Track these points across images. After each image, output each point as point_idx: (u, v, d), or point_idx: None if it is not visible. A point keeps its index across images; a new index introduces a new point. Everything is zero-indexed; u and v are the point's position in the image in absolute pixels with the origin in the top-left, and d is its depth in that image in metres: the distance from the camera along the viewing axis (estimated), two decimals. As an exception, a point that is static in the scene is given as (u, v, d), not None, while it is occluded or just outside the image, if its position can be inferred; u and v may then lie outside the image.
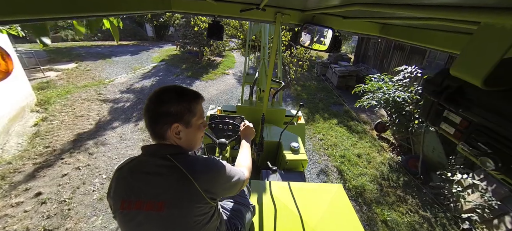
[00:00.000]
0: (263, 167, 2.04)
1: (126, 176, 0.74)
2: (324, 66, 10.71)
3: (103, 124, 5.06)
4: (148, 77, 8.64)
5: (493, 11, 0.39)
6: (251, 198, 1.42)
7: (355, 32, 1.54)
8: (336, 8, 1.03)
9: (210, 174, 0.76)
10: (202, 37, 10.48)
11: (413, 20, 0.87)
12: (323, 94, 8.34)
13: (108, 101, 6.20)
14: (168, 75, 9.09)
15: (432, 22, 0.80)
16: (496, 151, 0.45)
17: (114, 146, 4.35)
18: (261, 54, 3.12)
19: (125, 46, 14.73)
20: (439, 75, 0.60)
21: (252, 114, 2.76)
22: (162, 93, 0.76)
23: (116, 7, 0.84)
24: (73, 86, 6.93)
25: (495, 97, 0.46)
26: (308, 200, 1.52)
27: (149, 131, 0.78)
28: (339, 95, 8.30)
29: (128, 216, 0.71)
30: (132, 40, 18.99)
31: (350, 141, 5.29)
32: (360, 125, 6.13)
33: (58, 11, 0.59)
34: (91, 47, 13.17)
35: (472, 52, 0.45)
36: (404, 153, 5.02)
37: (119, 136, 4.68)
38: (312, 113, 6.60)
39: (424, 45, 1.08)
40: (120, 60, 10.75)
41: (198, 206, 0.72)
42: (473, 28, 0.49)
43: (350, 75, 9.09)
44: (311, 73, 11.29)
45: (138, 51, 13.25)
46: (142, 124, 5.15)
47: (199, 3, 1.50)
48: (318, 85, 9.44)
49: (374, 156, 4.83)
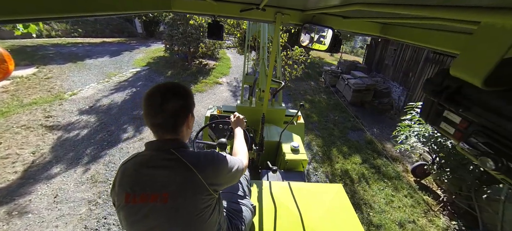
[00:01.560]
0: (263, 167, 2.03)
1: (131, 171, 0.76)
2: (334, 75, 9.22)
3: (35, 171, 3.52)
4: (122, 89, 7.04)
5: (493, 11, 0.39)
6: (251, 198, 1.44)
7: (355, 32, 1.55)
8: (336, 8, 1.05)
9: (213, 166, 0.80)
10: (192, 37, 8.89)
11: (413, 20, 0.88)
12: (337, 114, 6.86)
13: (57, 129, 4.62)
14: (148, 86, 7.51)
15: (432, 22, 0.81)
16: (496, 151, 0.45)
17: (38, 216, 2.85)
18: (260, 54, 3.12)
19: (107, 45, 13.02)
20: (439, 75, 0.60)
21: (252, 114, 2.72)
22: (174, 88, 0.79)
23: (115, 7, 0.85)
24: (17, 103, 5.33)
25: (495, 97, 0.46)
26: (308, 200, 1.52)
27: (163, 128, 0.79)
28: (355, 116, 6.82)
29: (132, 209, 0.73)
30: (119, 37, 17.20)
31: (383, 195, 3.87)
32: (391, 165, 4.68)
33: (58, 11, 0.60)
34: (65, 46, 11.48)
35: (472, 52, 0.45)
36: (459, 215, 3.62)
37: (52, 194, 3.16)
38: (328, 146, 5.12)
39: (424, 45, 1.08)
40: (94, 64, 9.09)
41: (202, 197, 0.76)
42: (473, 28, 0.49)
43: (367, 90, 7.63)
44: (318, 84, 9.78)
45: (120, 51, 11.56)
46: (94, 169, 3.64)
47: (199, 3, 1.52)
48: (328, 101, 7.95)
49: (422, 224, 3.40)
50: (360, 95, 7.62)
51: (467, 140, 0.51)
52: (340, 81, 8.66)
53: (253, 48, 6.75)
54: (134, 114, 5.58)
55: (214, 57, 11.26)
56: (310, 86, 9.42)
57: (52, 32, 14.24)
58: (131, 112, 5.64)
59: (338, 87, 8.79)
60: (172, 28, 8.97)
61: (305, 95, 8.27)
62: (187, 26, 8.80)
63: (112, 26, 17.94)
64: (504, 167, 0.42)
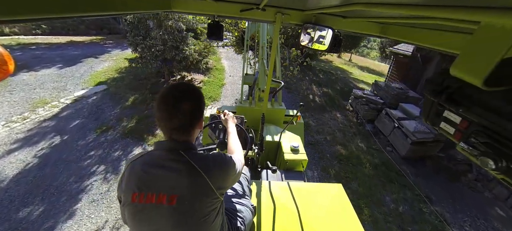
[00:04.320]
0: (263, 167, 2.00)
1: (139, 170, 0.75)
2: (372, 106, 6.34)
3: None
4: (36, 139, 4.32)
5: (493, 11, 0.39)
6: (251, 198, 1.42)
7: (355, 32, 1.56)
8: (336, 7, 1.03)
9: (222, 170, 0.81)
10: (167, 46, 6.06)
11: (413, 20, 0.88)
12: (394, 193, 4.08)
13: None
14: (87, 129, 4.73)
15: (432, 22, 0.80)
16: (496, 151, 0.45)
17: None
18: (259, 54, 3.13)
19: (71, 47, 10.43)
20: (439, 75, 0.60)
21: (252, 114, 2.70)
22: (187, 89, 0.79)
23: (115, 7, 0.84)
24: None
25: (495, 97, 0.46)
26: (308, 200, 1.51)
27: (176, 130, 0.78)
28: (426, 198, 4.00)
29: (138, 207, 0.72)
30: (96, 34, 14.35)
31: None
32: None
33: (58, 11, 0.60)
34: (11, 48, 8.74)
35: (472, 52, 0.44)
36: None
37: None
38: None
39: (424, 45, 1.07)
40: (27, 81, 6.40)
41: (209, 201, 0.76)
42: (473, 28, 0.48)
43: (436, 141, 4.79)
44: (346, 116, 6.91)
45: (81, 58, 8.83)
46: None
47: (199, 3, 1.50)
48: (371, 156, 5.11)
49: None
50: (422, 148, 4.80)
51: (467, 140, 0.51)
52: (383, 119, 5.83)
53: (251, 48, 6.31)
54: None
55: (202, 70, 8.39)
56: (336, 119, 6.59)
57: (5, 29, 11.41)
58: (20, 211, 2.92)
59: (379, 126, 5.94)
60: (137, 30, 6.11)
61: (334, 138, 5.46)
62: (159, 30, 5.95)
63: (91, 22, 15.04)
64: (504, 167, 0.43)
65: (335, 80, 11.53)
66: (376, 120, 6.19)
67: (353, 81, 12.37)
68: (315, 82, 10.31)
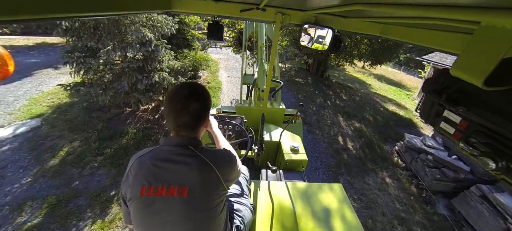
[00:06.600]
0: (263, 167, 2.01)
1: (148, 164, 0.77)
2: (450, 177, 3.98)
3: None
4: None
5: (493, 11, 0.39)
6: (251, 197, 1.43)
7: (355, 32, 1.56)
8: (336, 7, 1.04)
9: (229, 163, 0.87)
10: (129, 67, 3.89)
11: (413, 20, 0.88)
12: None
13: None
14: None
15: (432, 22, 0.80)
16: (496, 151, 0.45)
17: None
18: (258, 54, 3.18)
19: (37, 51, 8.56)
20: (439, 75, 0.60)
21: (251, 114, 2.71)
22: (196, 89, 0.82)
23: (115, 7, 0.84)
24: None
25: (495, 97, 0.46)
26: (308, 199, 1.51)
27: (184, 127, 0.80)
28: None
29: (148, 201, 0.74)
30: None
31: None
32: None
33: (58, 11, 0.60)
34: None
35: (472, 52, 0.44)
36: None
37: None
38: None
39: (424, 45, 1.07)
40: None
41: (217, 193, 0.80)
42: (473, 28, 0.48)
43: None
44: (401, 185, 4.51)
45: (34, 69, 6.76)
46: None
47: (199, 3, 1.51)
48: None
49: None
50: None
51: (467, 140, 0.51)
52: (472, 201, 3.44)
53: (249, 48, 5.60)
54: None
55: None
56: (387, 190, 4.20)
57: None
58: None
59: (460, 209, 3.59)
60: (77, 36, 3.87)
61: (388, 210, 3.21)
62: (113, 40, 3.74)
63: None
64: (504, 167, 0.42)
65: (361, 101, 9.06)
66: (455, 198, 3.81)
67: (381, 101, 9.88)
68: (339, 107, 7.89)
